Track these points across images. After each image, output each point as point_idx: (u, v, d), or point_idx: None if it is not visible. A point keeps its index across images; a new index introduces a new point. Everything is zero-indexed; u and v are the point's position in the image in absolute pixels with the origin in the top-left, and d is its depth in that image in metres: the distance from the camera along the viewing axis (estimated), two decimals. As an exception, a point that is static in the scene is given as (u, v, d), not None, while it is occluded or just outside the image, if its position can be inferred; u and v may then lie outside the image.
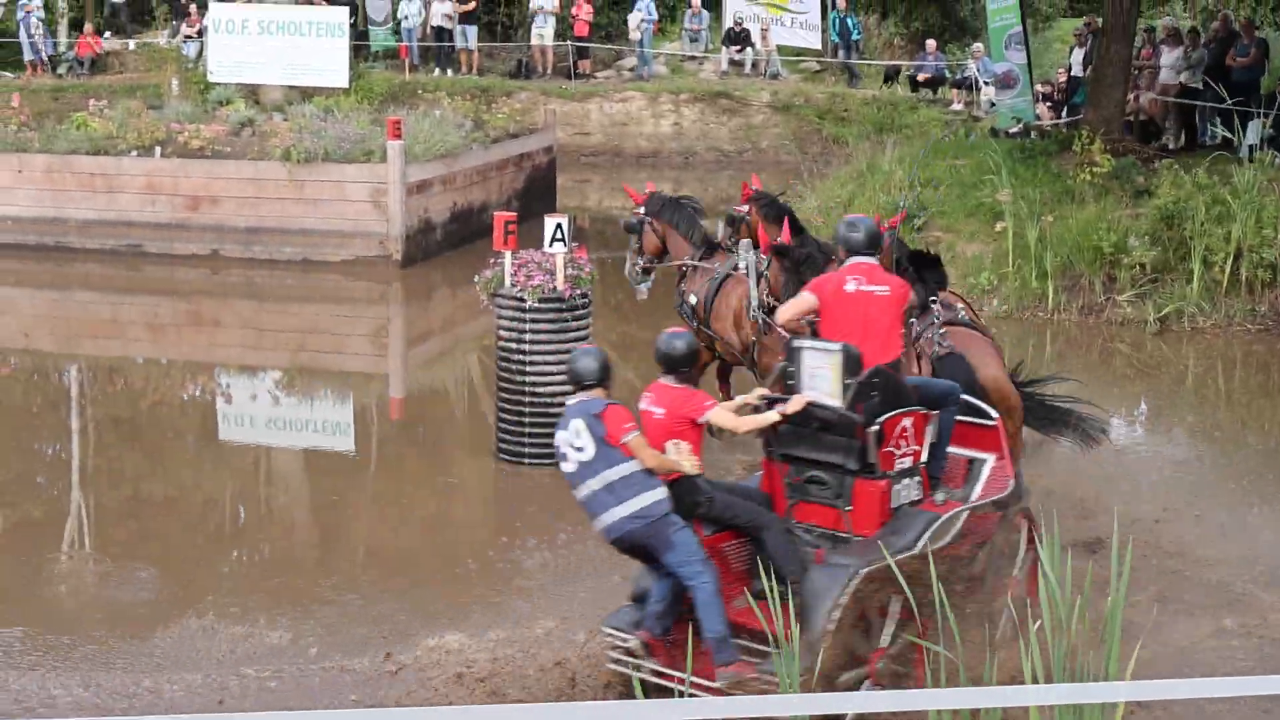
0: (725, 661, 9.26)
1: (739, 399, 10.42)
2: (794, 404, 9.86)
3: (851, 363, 9.81)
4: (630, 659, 9.38)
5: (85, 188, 25.66)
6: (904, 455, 10.06)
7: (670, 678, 9.32)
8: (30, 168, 25.94)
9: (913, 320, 11.95)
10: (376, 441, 16.14)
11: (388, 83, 33.11)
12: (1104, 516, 12.57)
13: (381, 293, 23.54)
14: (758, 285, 13.87)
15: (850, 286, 10.26)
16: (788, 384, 10.14)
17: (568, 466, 9.53)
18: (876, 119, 34.27)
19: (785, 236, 13.80)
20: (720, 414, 9.77)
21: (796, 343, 10.17)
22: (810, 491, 10.09)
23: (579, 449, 9.45)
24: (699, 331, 14.54)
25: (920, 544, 9.79)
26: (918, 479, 10.22)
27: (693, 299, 14.88)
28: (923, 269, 12.87)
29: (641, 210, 15.45)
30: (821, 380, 9.88)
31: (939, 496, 10.34)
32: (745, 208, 14.66)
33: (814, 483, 10.07)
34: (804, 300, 10.49)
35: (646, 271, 15.54)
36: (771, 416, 9.89)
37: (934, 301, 12.60)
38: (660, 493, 9.46)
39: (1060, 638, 8.67)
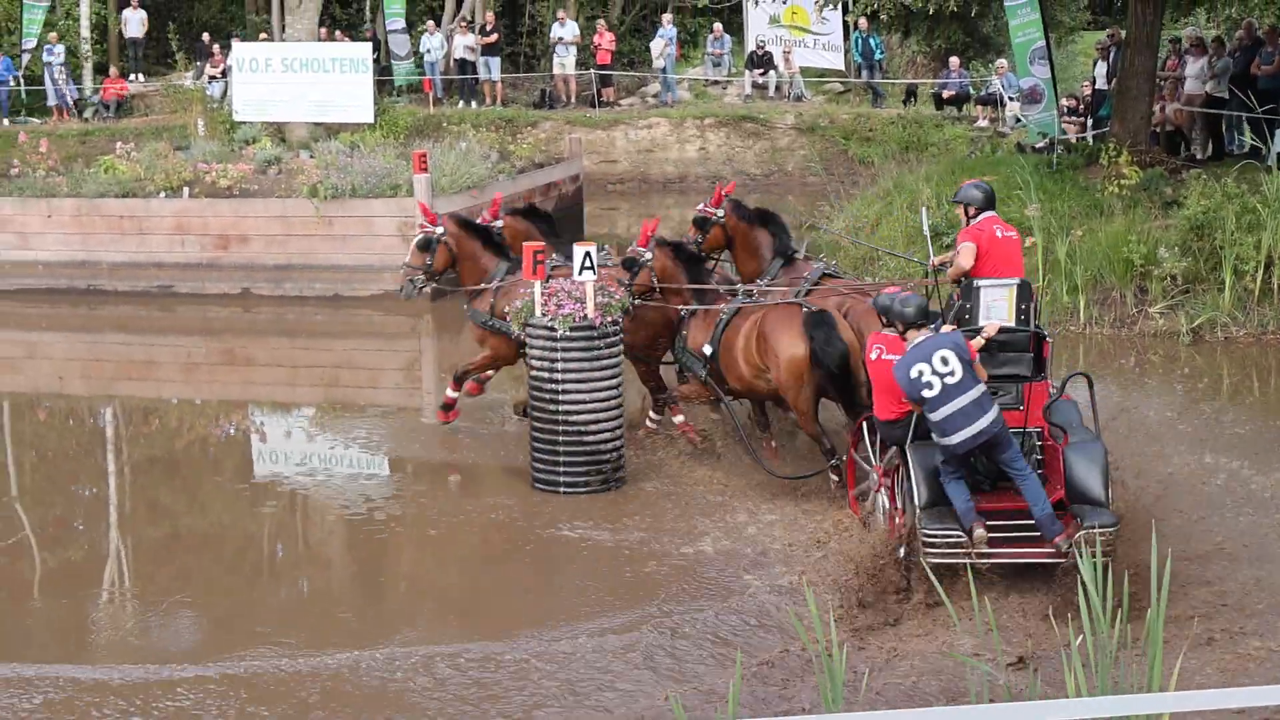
0: (1057, 532, 11.54)
1: None
2: (990, 329, 12.22)
3: (1025, 292, 12.36)
4: (964, 550, 11.57)
5: (115, 230, 25.79)
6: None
7: (1017, 555, 11.71)
8: (59, 212, 26.07)
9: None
10: (412, 475, 16.13)
11: (412, 116, 33.19)
12: (1143, 527, 12.55)
13: (412, 326, 23.58)
14: (635, 274, 15.27)
15: (999, 233, 12.76)
16: (963, 319, 12.34)
17: (930, 392, 11.55)
18: (902, 138, 34.27)
19: (643, 241, 15.44)
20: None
21: (977, 283, 12.37)
22: None
23: (947, 374, 11.54)
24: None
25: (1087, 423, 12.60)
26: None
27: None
28: (771, 222, 15.92)
29: (439, 230, 16.37)
30: (998, 309, 12.25)
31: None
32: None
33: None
34: (970, 248, 12.64)
35: (425, 285, 16.69)
36: (979, 341, 12.05)
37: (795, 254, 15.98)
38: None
39: (1102, 650, 8.63)
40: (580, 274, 14.49)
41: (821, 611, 10.12)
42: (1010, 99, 33.00)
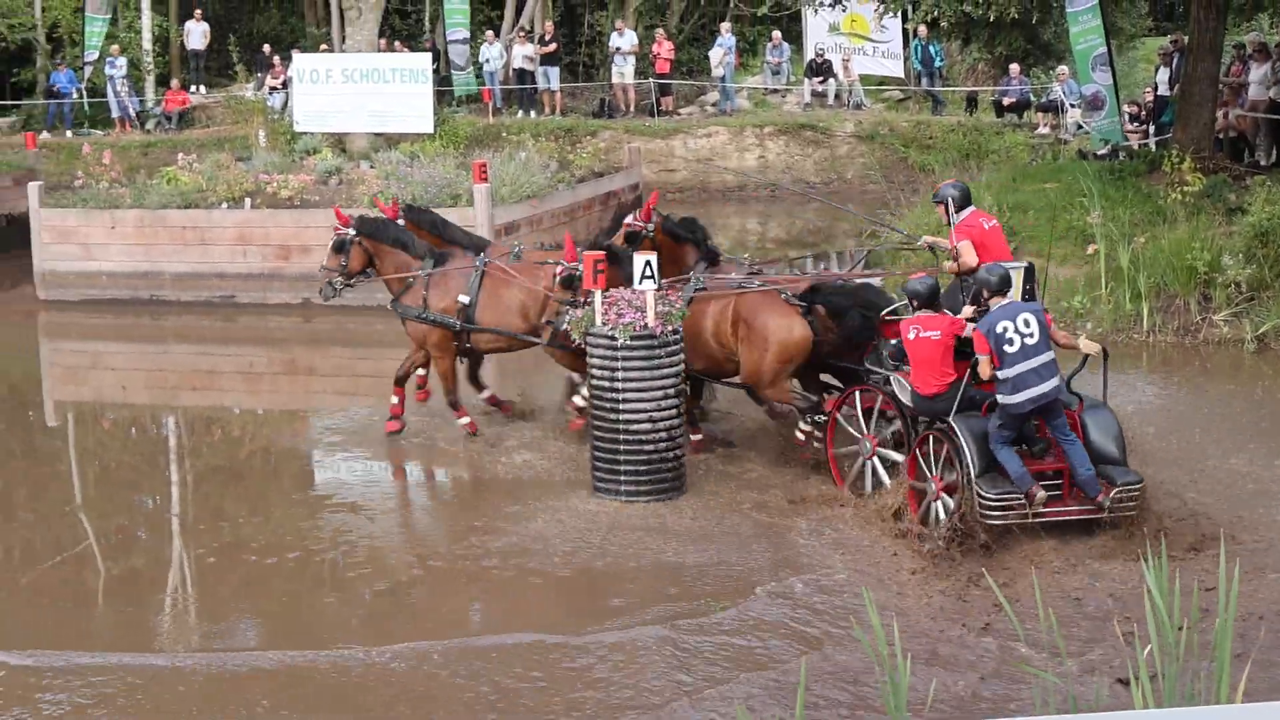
0: (1097, 491, 12.72)
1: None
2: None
3: (1029, 274, 13.84)
4: (1021, 511, 12.67)
5: (177, 241, 25.95)
6: None
7: (1064, 513, 12.87)
8: (123, 223, 26.25)
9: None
10: (473, 483, 16.13)
11: (472, 126, 33.29)
12: (1207, 535, 12.48)
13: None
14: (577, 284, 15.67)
15: (986, 225, 14.21)
16: (979, 299, 13.18)
17: (1010, 348, 12.57)
18: (962, 145, 34.18)
19: (570, 256, 16.03)
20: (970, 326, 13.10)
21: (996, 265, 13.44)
22: None
23: (1028, 335, 12.60)
24: (457, 333, 16.83)
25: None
26: None
27: (464, 299, 16.66)
28: (694, 233, 16.30)
29: (351, 231, 16.94)
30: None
31: None
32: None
33: None
34: (969, 244, 13.86)
35: (346, 286, 17.31)
36: None
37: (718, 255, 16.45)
38: None
39: (1169, 661, 8.55)
40: (640, 283, 14.48)
41: (883, 619, 10.05)
42: (1071, 106, 32.84)
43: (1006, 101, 35.53)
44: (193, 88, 41.21)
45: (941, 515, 13.21)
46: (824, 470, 15.01)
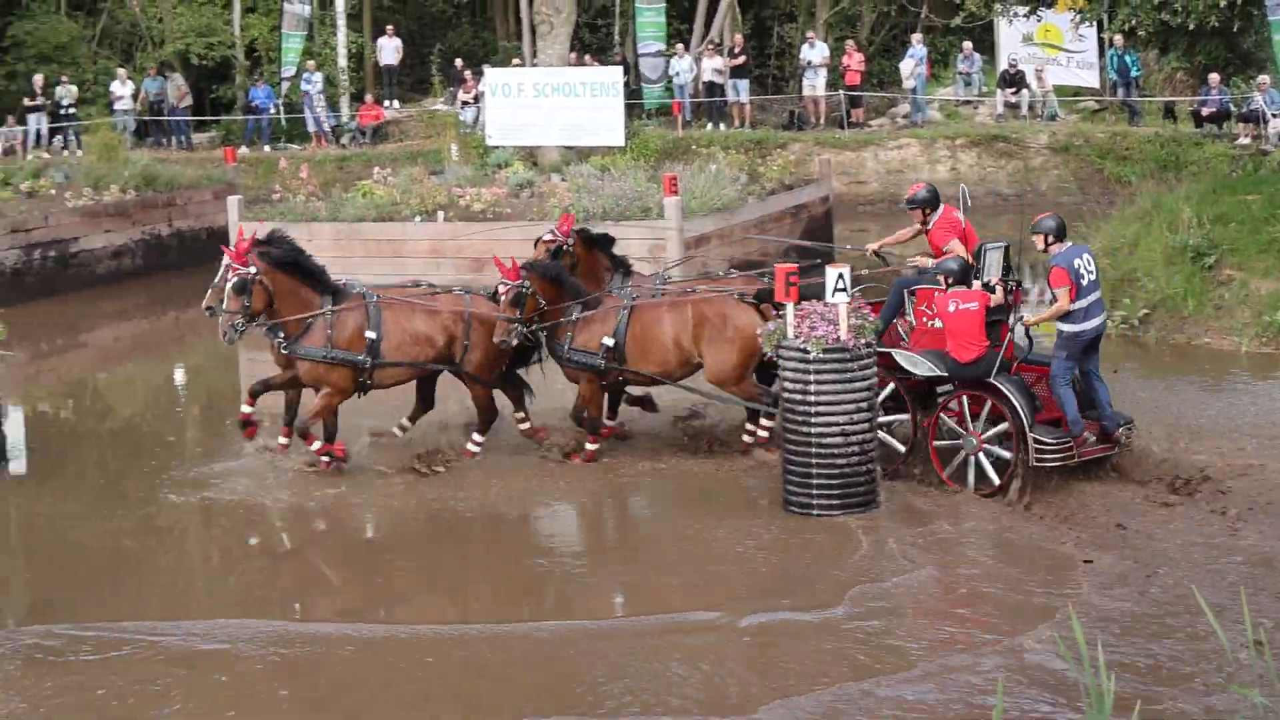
0: (1113, 429, 14.72)
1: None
2: (995, 281, 15.11)
3: (1007, 252, 15.56)
4: (1070, 452, 14.41)
5: (372, 254, 26.27)
6: None
7: (1092, 452, 14.67)
8: (319, 236, 26.59)
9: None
10: (668, 492, 16.13)
11: (662, 139, 33.37)
12: None
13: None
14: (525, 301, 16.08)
15: (959, 217, 15.91)
16: (977, 274, 15.13)
17: (1083, 281, 14.42)
18: (1159, 157, 33.59)
19: (514, 275, 16.18)
20: (992, 297, 14.92)
21: (985, 246, 15.41)
22: None
23: (1091, 272, 14.53)
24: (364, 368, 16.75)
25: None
26: None
27: (371, 335, 16.64)
28: (608, 247, 17.65)
29: (252, 271, 16.12)
30: (994, 267, 15.26)
31: None
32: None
33: None
34: (956, 240, 15.62)
35: (245, 328, 16.36)
36: (999, 294, 15.02)
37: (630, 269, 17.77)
38: None
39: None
40: (833, 296, 14.42)
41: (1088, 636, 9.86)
42: (1273, 115, 32.17)
43: (1206, 111, 34.87)
44: (386, 102, 41.83)
45: (989, 468, 14.74)
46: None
